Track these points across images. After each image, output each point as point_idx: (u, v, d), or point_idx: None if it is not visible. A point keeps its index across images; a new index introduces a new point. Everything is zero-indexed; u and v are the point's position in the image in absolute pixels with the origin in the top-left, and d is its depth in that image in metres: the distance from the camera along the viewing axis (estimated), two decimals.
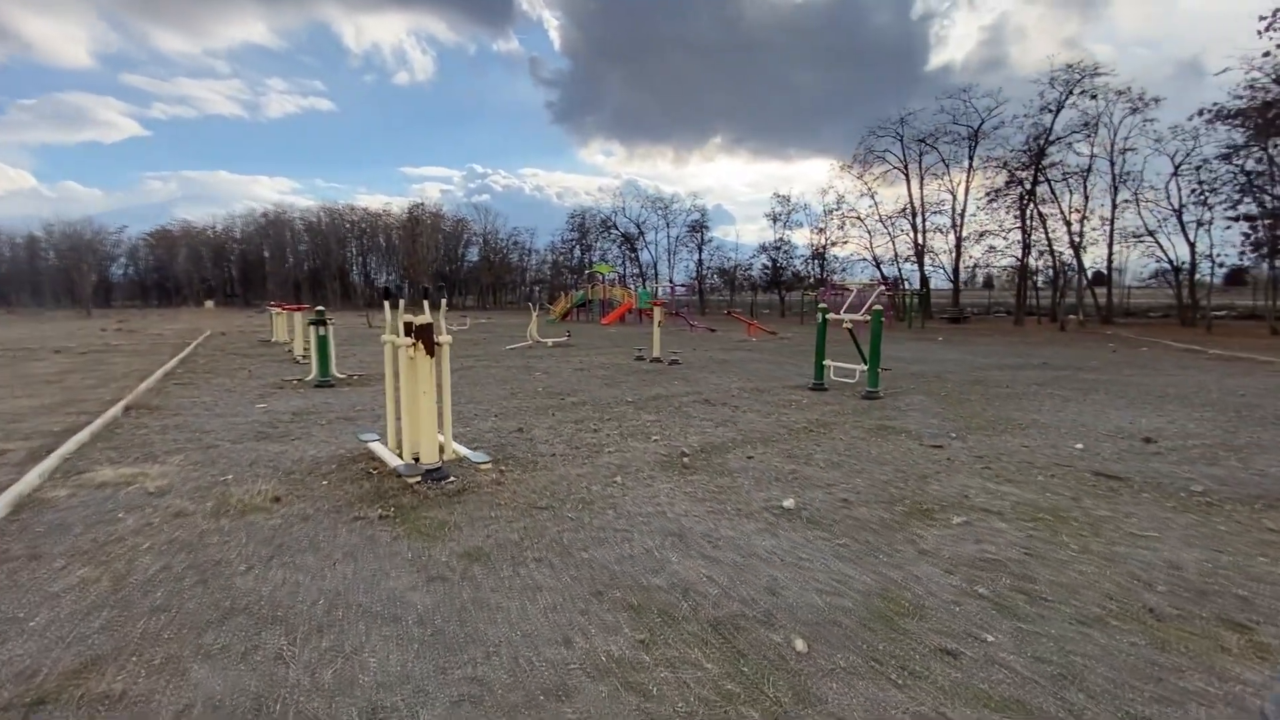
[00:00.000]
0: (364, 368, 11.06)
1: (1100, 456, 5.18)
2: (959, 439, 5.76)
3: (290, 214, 77.35)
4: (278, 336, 17.08)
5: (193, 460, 4.87)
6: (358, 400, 7.72)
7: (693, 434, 5.85)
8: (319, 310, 9.36)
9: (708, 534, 3.40)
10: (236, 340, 18.04)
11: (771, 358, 13.25)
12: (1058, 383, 9.56)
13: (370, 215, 74.42)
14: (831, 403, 7.65)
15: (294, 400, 7.72)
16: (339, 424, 6.28)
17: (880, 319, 8.14)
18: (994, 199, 30.33)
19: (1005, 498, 4.05)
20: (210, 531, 3.41)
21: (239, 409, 7.08)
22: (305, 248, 77.66)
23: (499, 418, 6.61)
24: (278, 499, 3.93)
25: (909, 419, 6.65)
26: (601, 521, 3.59)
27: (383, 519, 3.60)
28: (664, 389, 8.67)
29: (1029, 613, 2.61)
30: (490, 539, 3.34)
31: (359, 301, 69.59)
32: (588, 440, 5.60)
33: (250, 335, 20.26)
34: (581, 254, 54.79)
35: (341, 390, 8.56)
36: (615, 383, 9.28)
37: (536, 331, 16.01)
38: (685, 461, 4.87)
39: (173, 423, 6.29)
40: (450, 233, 73.17)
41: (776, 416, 6.72)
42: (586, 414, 6.81)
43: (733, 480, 4.40)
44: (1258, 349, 15.10)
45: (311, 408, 7.19)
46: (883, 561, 3.09)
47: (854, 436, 5.81)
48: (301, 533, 3.41)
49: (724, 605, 2.62)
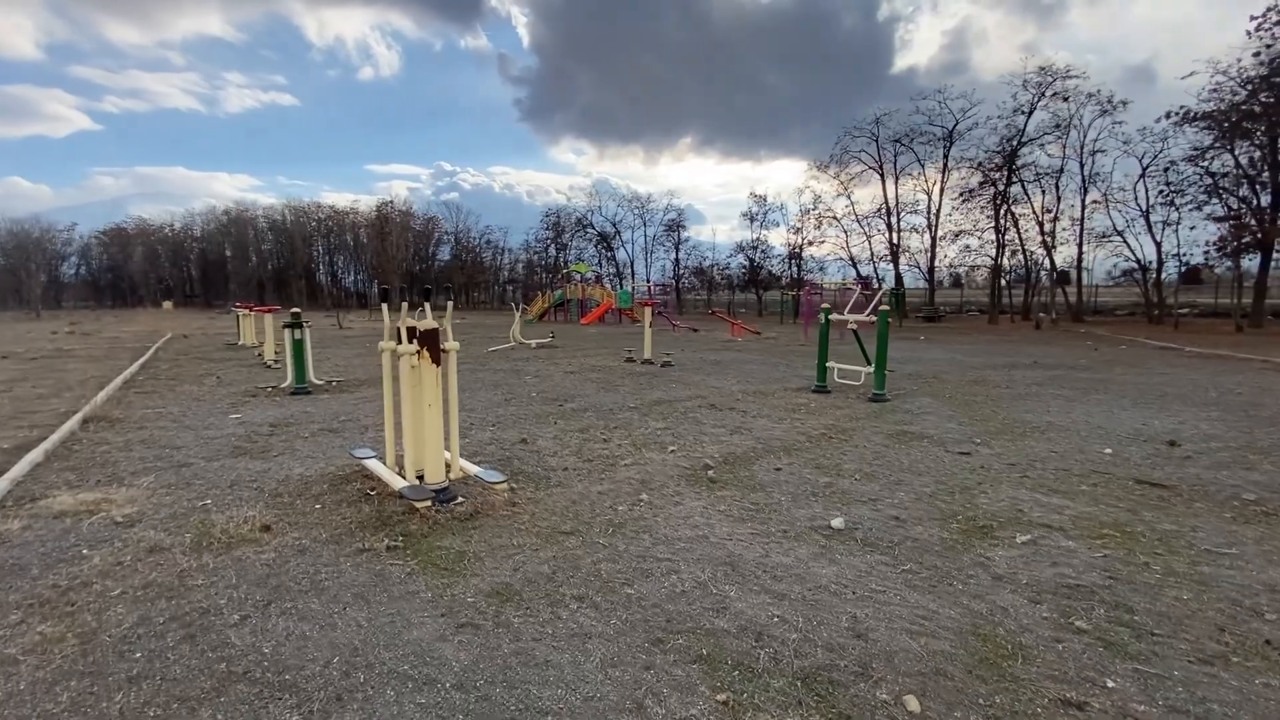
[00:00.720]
0: (341, 372, 10.49)
1: (1131, 462, 5.00)
2: (984, 444, 5.54)
3: (253, 211, 75.02)
4: (245, 339, 16.28)
5: (164, 482, 4.36)
6: (339, 409, 7.21)
7: (709, 443, 5.52)
8: (294, 313, 8.79)
9: (761, 562, 3.07)
10: (200, 343, 17.16)
11: (763, 358, 13.01)
12: (1055, 382, 9.49)
13: (337, 213, 72.51)
14: (840, 406, 7.40)
15: (270, 410, 7.17)
16: (323, 436, 5.80)
17: (887, 320, 7.93)
18: (967, 199, 30.71)
19: (1060, 511, 3.81)
20: (192, 571, 2.95)
21: (211, 420, 6.52)
22: (269, 247, 75.40)
23: (497, 427, 6.20)
24: (267, 528, 3.48)
25: (925, 423, 6.43)
26: (638, 548, 3.24)
27: (391, 550, 3.19)
28: (664, 393, 8.33)
29: (1141, 650, 2.34)
30: (518, 573, 2.95)
31: (326, 302, 67.78)
32: (599, 452, 5.23)
33: (215, 338, 19.32)
34: (557, 253, 54.13)
35: (320, 398, 8.02)
36: (612, 386, 8.91)
37: (519, 333, 15.53)
38: (711, 475, 4.54)
39: (137, 437, 5.73)
40: (421, 231, 71.74)
41: (790, 422, 6.44)
42: (591, 422, 6.44)
43: (767, 496, 4.08)
44: (1231, 345, 15.40)
45: (290, 418, 6.67)
46: (960, 590, 2.80)
47: (877, 443, 5.55)
48: (300, 569, 2.98)
49: (808, 653, 2.29)
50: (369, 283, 73.28)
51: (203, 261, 75.83)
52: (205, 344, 16.94)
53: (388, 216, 66.79)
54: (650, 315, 12.40)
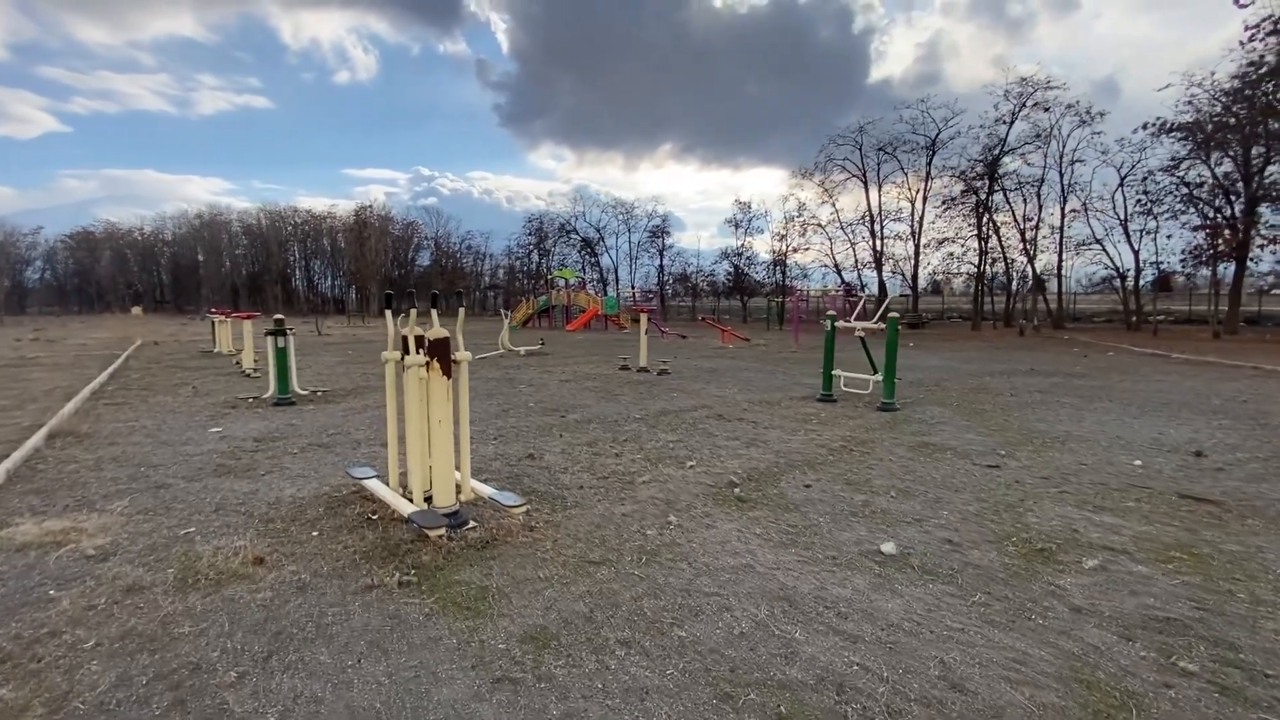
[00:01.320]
0: (325, 381, 10.03)
1: (1165, 475, 4.83)
2: (1009, 457, 5.34)
3: (227, 215, 73.38)
4: (221, 347, 15.67)
5: (140, 506, 3.95)
6: (328, 421, 6.80)
7: (727, 457, 5.24)
8: (277, 319, 8.35)
9: (819, 595, 2.79)
10: (173, 350, 16.48)
11: (758, 366, 12.80)
12: (1057, 390, 9.39)
13: (314, 218, 71.23)
14: (851, 416, 7.18)
15: (252, 423, 6.74)
16: (314, 452, 5.40)
17: (896, 328, 7.74)
18: (950, 207, 31.00)
19: (1117, 531, 3.59)
20: (178, 616, 2.59)
21: (189, 435, 6.08)
22: (243, 251, 73.79)
23: (500, 440, 5.85)
24: (261, 560, 3.11)
25: (943, 434, 6.22)
26: (680, 581, 2.94)
27: (405, 586, 2.85)
28: (668, 402, 8.04)
29: (1265, 698, 2.10)
30: (552, 612, 2.63)
31: (303, 308, 66.46)
32: (612, 467, 4.92)
33: (188, 345, 18.61)
34: (540, 259, 53.68)
35: (305, 410, 7.59)
36: (611, 396, 8.60)
37: (508, 339, 15.14)
38: (738, 493, 4.26)
39: (109, 454, 5.29)
40: (400, 236, 70.78)
41: (804, 434, 6.19)
42: (598, 434, 6.12)
43: (804, 517, 3.81)
44: (1215, 352, 15.58)
45: (276, 432, 6.25)
46: (1043, 626, 2.54)
47: (901, 456, 5.32)
48: (302, 612, 2.63)
49: (903, 709, 2.01)
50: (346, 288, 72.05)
51: (174, 266, 73.94)
52: (178, 351, 16.28)
53: (366, 221, 65.77)
54: (646, 322, 12.11)
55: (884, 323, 7.95)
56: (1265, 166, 23.42)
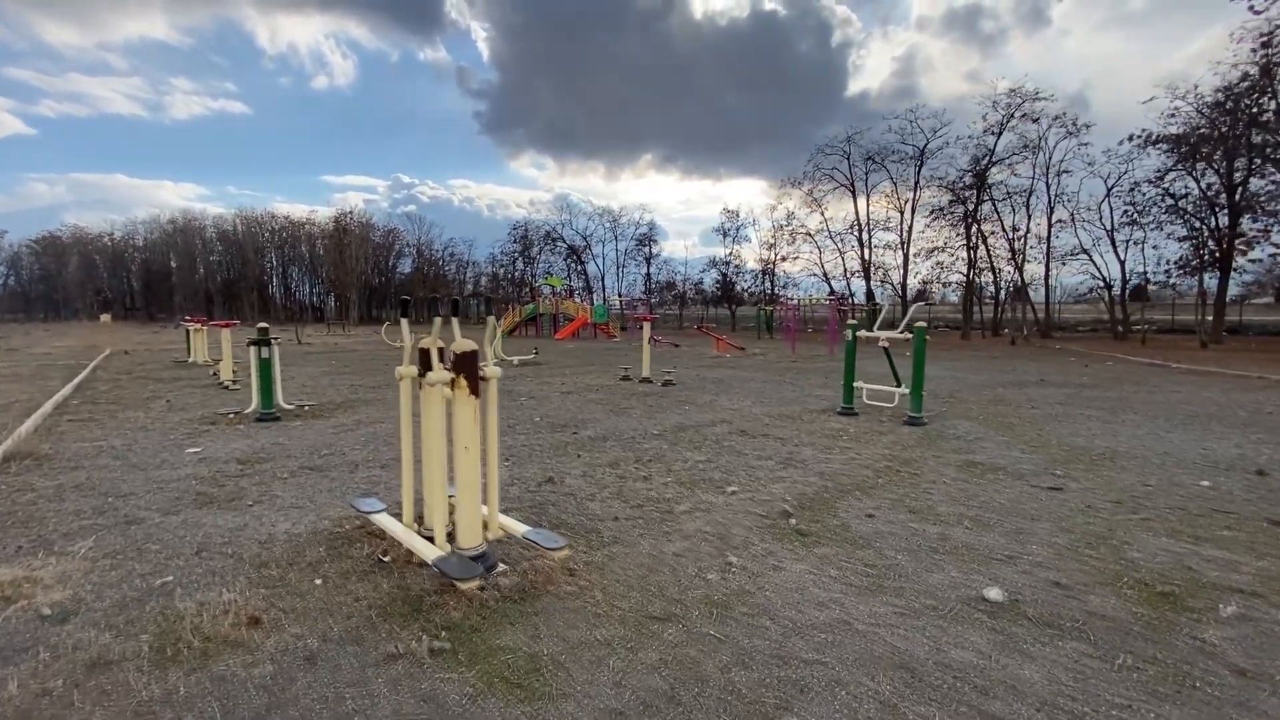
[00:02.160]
0: (311, 394, 9.41)
1: (1239, 497, 4.47)
2: (1066, 477, 4.96)
3: (201, 220, 71.69)
4: (196, 356, 14.89)
5: (108, 548, 3.38)
6: (318, 440, 6.23)
7: (767, 480, 4.79)
8: (261, 328, 7.75)
9: (941, 661, 2.33)
10: (144, 360, 15.64)
11: (763, 376, 12.40)
12: (1075, 401, 9.11)
13: (292, 224, 69.96)
14: (882, 431, 6.78)
15: (235, 441, 6.14)
16: (307, 477, 4.85)
17: (924, 336, 7.38)
18: (939, 217, 31.09)
19: (1235, 568, 3.19)
20: (156, 704, 2.05)
21: (164, 457, 5.48)
22: (218, 258, 72.13)
23: (512, 462, 5.34)
24: (256, 620, 2.58)
25: (984, 450, 5.84)
26: (768, 643, 2.46)
27: (438, 655, 2.34)
28: (682, 416, 7.58)
29: None
30: (625, 691, 2.15)
31: (280, 315, 65.02)
32: (645, 493, 4.44)
33: (160, 354, 17.75)
34: (524, 266, 53.08)
35: (291, 426, 7.00)
36: (620, 409, 8.11)
37: (500, 349, 14.59)
38: (795, 525, 3.80)
39: (72, 481, 4.68)
40: (380, 243, 69.72)
41: (840, 452, 5.76)
42: (618, 454, 5.64)
43: (879, 554, 3.36)
44: (1214, 362, 15.55)
45: (261, 452, 5.67)
46: (1219, 699, 2.11)
47: (953, 478, 4.91)
48: (313, 694, 2.11)
49: None
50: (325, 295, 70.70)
51: (145, 272, 72.02)
52: (150, 361, 15.45)
53: (346, 227, 64.66)
54: (649, 331, 11.66)
55: (909, 332, 7.58)
56: (1248, 179, 23.77)
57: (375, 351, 19.49)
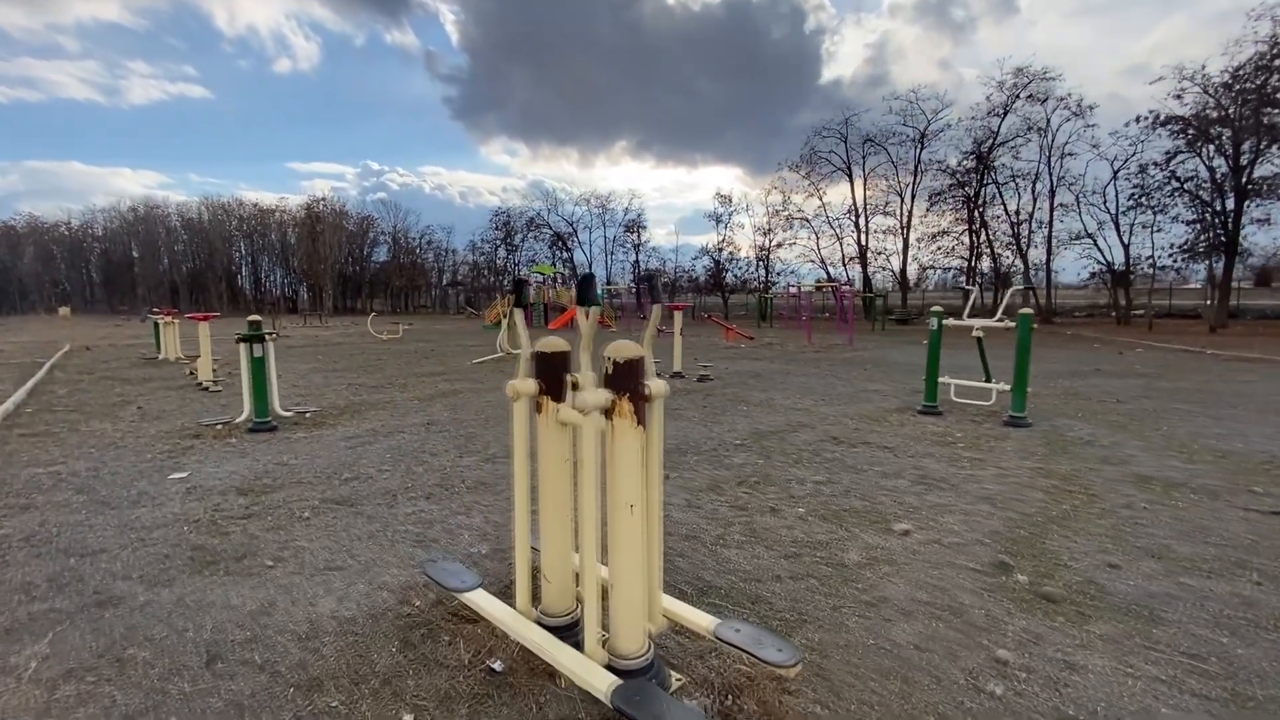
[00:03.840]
0: (306, 396, 8.21)
1: None
2: (1266, 494, 4.07)
3: (164, 209, 68.48)
4: (167, 352, 13.48)
5: (70, 659, 2.27)
6: (332, 458, 5.10)
7: (929, 510, 3.80)
8: (253, 321, 6.54)
9: None
10: (109, 358, 14.15)
11: (797, 368, 11.46)
12: (1157, 395, 8.31)
13: (261, 211, 67.10)
14: (995, 435, 5.86)
15: (229, 461, 4.99)
16: (334, 515, 3.74)
17: (1030, 325, 6.46)
18: (939, 201, 30.45)
19: None
20: None
21: (141, 486, 4.32)
22: (183, 247, 69.08)
23: None
24: None
25: (1135, 460, 4.94)
26: None
27: None
28: (750, 419, 6.58)
29: None
30: None
31: (250, 307, 62.54)
32: (783, 533, 3.43)
33: (125, 350, 16.21)
34: (507, 254, 51.52)
35: (294, 439, 5.85)
36: (673, 411, 7.08)
37: (508, 341, 13.43)
38: (1028, 584, 2.81)
39: (20, 529, 3.52)
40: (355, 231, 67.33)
41: (973, 465, 4.81)
42: (712, 473, 4.61)
43: (1189, 635, 2.39)
44: (1238, 347, 15.03)
45: (266, 477, 4.54)
46: None
47: (1145, 500, 3.98)
48: None
49: None
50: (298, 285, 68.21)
51: (105, 263, 68.74)
52: (115, 358, 13.97)
53: (319, 215, 62.22)
54: (680, 321, 10.63)
55: (1007, 319, 6.67)
56: (1255, 161, 23.43)
57: (361, 344, 18.15)
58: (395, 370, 11.39)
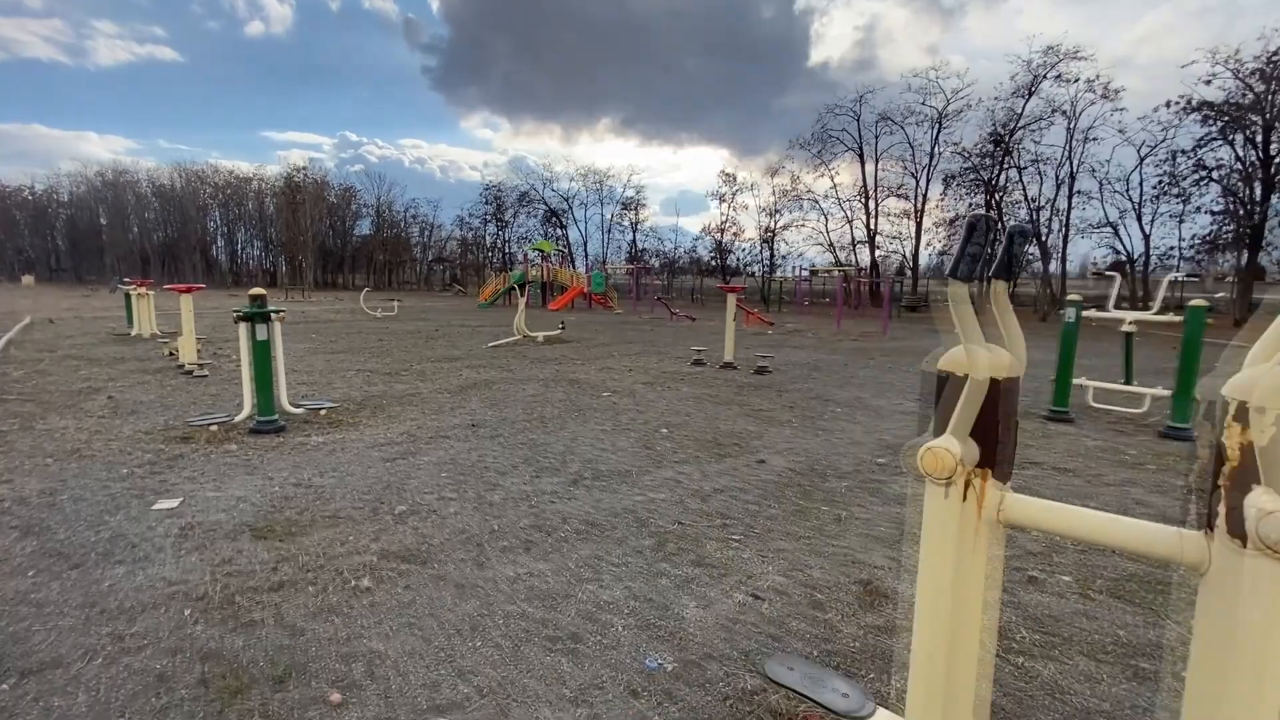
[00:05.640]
0: (314, 385, 6.94)
1: None
2: None
3: (134, 175, 65.26)
4: (140, 328, 12.02)
5: None
6: (369, 475, 3.90)
7: None
8: (256, 295, 5.25)
9: None
10: (74, 333, 12.63)
11: (854, 360, 10.39)
12: None
13: (238, 180, 64.24)
14: (1162, 450, 4.83)
15: (234, 481, 3.77)
16: (410, 583, 2.56)
17: (1202, 320, 5.43)
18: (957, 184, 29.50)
19: None
20: None
21: (115, 524, 3.09)
22: (154, 215, 66.01)
23: (744, 536, 3.15)
24: None
25: None
26: None
27: None
28: (866, 427, 5.48)
29: None
30: None
31: (227, 279, 60.12)
32: (1087, 626, 2.33)
33: (93, 323, 14.65)
34: (498, 230, 49.77)
35: (312, 443, 4.63)
36: (761, 414, 5.95)
37: (524, 323, 12.17)
38: None
39: None
40: (336, 203, 64.82)
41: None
42: (892, 512, 3.50)
43: None
44: None
45: (290, 508, 3.33)
46: None
47: None
48: None
49: None
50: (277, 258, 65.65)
51: (72, 230, 65.45)
52: (81, 333, 12.46)
53: (299, 185, 59.63)
54: (734, 304, 9.48)
55: (1168, 312, 5.64)
56: None
57: (355, 322, 16.74)
58: (406, 354, 10.11)
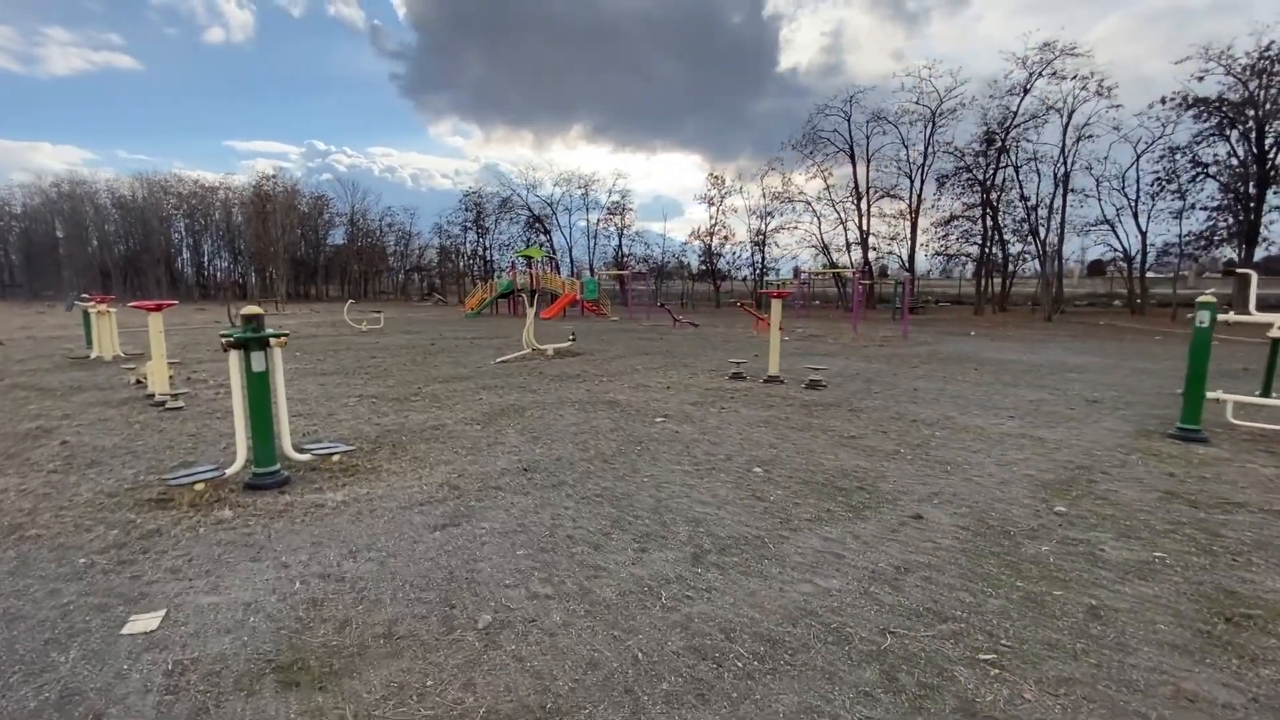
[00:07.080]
0: (316, 419, 5.86)
1: None
2: None
3: (93, 186, 62.51)
4: (100, 349, 10.72)
5: None
6: (416, 552, 2.90)
7: None
8: (249, 316, 4.18)
9: None
10: (25, 355, 11.25)
11: (898, 369, 9.57)
12: None
13: (204, 189, 61.87)
14: None
15: (233, 574, 2.74)
16: None
17: None
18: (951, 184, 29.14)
19: None
20: None
21: (66, 666, 2.05)
22: (114, 227, 63.25)
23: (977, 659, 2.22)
24: None
25: None
26: None
27: None
28: (991, 459, 4.60)
29: None
30: None
31: (194, 292, 57.79)
32: None
33: (47, 344, 13.23)
34: (478, 237, 48.44)
35: (328, 504, 3.60)
36: (859, 445, 5.05)
37: (534, 336, 11.14)
38: None
39: None
40: (308, 212, 62.78)
41: None
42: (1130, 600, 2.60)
43: None
44: None
45: (320, 624, 2.32)
46: None
47: None
48: None
49: None
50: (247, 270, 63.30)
51: (26, 244, 62.41)
52: (33, 356, 11.10)
53: (268, 194, 57.55)
54: (779, 311, 8.59)
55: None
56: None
57: (341, 337, 15.51)
58: (408, 373, 9.02)
